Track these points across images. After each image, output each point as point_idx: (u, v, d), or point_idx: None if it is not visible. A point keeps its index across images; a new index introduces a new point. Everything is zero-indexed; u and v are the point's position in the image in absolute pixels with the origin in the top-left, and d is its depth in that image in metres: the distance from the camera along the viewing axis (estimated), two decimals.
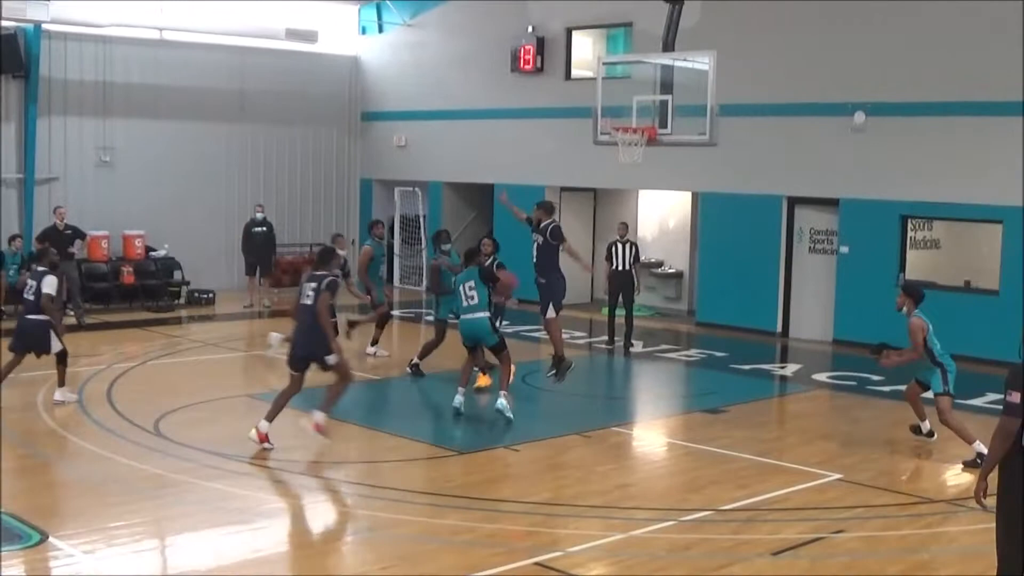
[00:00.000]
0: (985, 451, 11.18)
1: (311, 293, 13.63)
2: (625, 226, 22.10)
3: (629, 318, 21.67)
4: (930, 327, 14.25)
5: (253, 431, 13.41)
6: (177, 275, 26.86)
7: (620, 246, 21.43)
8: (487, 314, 15.42)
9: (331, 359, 13.42)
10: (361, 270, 19.83)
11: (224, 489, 11.89)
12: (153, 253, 26.74)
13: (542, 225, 16.94)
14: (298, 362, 13.62)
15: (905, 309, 14.52)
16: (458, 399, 15.48)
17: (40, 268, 15.56)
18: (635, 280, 21.78)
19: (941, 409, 13.85)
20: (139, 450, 13.31)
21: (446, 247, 19.09)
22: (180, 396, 16.26)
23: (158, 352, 20.30)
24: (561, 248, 17.06)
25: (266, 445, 13.30)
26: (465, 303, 15.36)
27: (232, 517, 11.14)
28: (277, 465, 12.95)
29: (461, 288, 15.46)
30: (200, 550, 10.31)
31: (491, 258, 17.11)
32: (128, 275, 25.81)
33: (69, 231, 23.34)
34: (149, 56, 27.29)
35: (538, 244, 16.91)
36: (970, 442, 13.70)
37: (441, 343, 18.35)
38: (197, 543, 10.50)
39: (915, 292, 14.69)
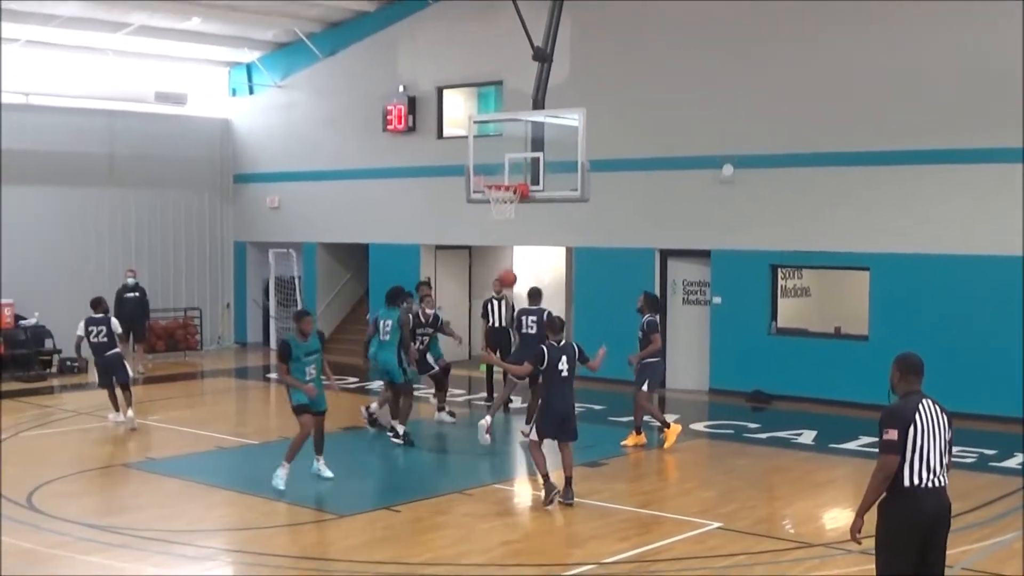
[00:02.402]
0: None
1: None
2: (500, 282, 22.13)
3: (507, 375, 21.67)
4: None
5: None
6: (48, 343, 26.32)
7: (496, 303, 21.46)
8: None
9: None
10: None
11: (101, 562, 11.65)
12: (23, 322, 26.18)
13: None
14: None
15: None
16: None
17: None
18: (511, 336, 21.80)
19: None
20: (12, 525, 12.97)
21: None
22: (54, 467, 15.91)
23: (29, 423, 19.86)
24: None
25: None
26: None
27: None
28: (155, 535, 12.71)
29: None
30: None
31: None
32: None
33: None
34: (15, 121, 26.78)
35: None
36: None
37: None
38: None
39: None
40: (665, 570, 11.40)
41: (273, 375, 24.60)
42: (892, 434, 8.51)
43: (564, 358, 14.49)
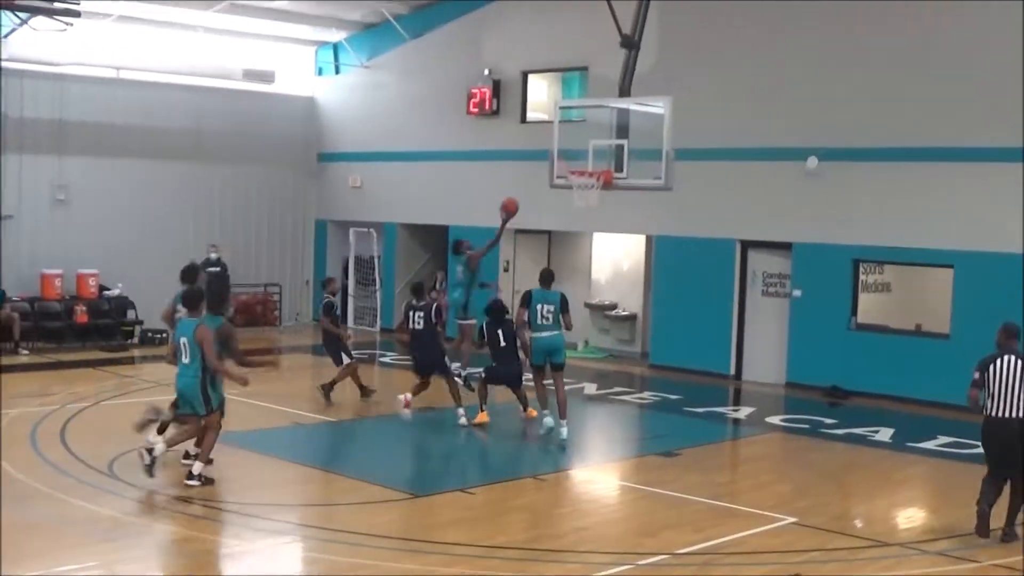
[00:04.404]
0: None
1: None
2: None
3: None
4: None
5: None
6: (131, 314, 26.72)
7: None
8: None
9: None
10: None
11: (180, 531, 11.85)
12: (107, 292, 26.61)
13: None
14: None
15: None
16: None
17: None
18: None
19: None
20: (94, 492, 13.22)
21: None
22: (134, 437, 16.14)
23: (111, 392, 20.18)
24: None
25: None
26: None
27: (189, 560, 11.10)
28: (232, 507, 12.90)
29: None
30: None
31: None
32: (81, 314, 25.67)
33: None
34: (105, 95, 27.23)
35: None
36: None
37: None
38: None
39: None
40: (739, 563, 11.39)
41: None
42: (976, 375, 12.24)
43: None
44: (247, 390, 14.54)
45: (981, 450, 12.57)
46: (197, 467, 13.62)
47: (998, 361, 12.12)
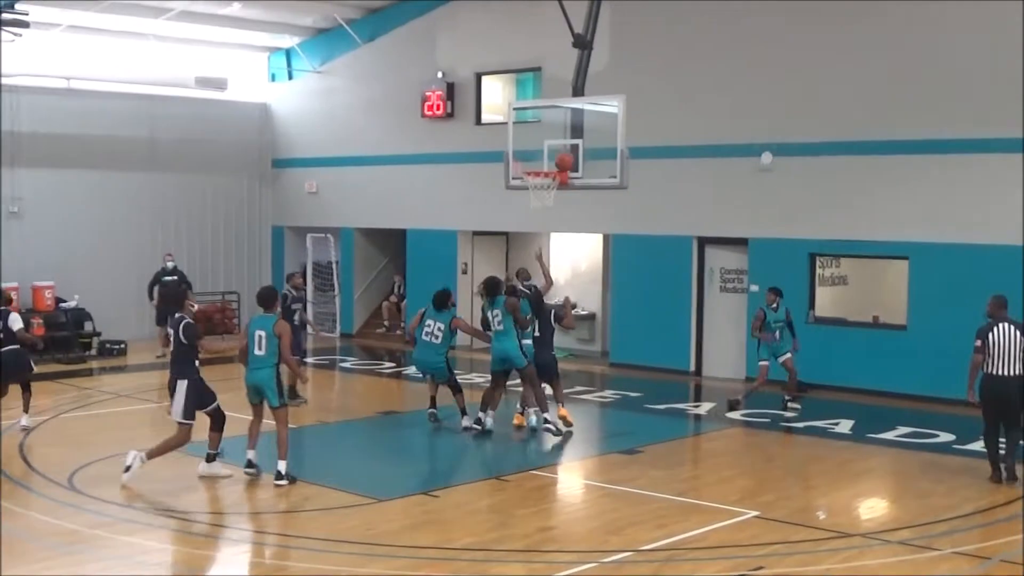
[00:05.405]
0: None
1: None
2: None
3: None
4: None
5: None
6: (88, 326, 26.55)
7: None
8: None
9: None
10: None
11: (142, 543, 11.76)
12: (63, 304, 26.41)
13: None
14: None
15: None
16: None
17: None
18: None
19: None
20: (54, 505, 13.14)
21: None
22: (94, 449, 16.06)
23: (70, 405, 20.04)
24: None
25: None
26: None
27: (151, 572, 11.04)
28: (194, 517, 12.85)
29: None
30: None
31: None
32: (38, 327, 25.42)
33: None
34: (57, 105, 27.07)
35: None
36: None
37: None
38: None
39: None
40: (702, 558, 11.43)
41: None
42: (978, 343, 14.27)
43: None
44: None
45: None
46: (282, 465, 14.16)
47: (996, 328, 14.24)
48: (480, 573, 10.98)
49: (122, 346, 26.47)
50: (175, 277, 26.13)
